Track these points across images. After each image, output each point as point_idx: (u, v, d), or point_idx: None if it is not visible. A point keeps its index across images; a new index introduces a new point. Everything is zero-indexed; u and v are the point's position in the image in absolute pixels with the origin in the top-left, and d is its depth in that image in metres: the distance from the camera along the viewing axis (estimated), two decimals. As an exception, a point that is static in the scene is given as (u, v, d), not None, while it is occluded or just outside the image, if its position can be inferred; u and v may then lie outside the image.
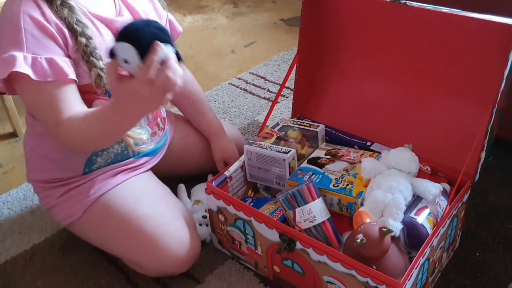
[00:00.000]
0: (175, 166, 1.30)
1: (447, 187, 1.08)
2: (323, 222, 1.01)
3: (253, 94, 1.84)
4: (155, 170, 1.21)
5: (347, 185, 1.07)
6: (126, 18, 1.04)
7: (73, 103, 0.93)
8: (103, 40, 0.99)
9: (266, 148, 1.15)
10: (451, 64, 1.10)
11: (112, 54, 0.81)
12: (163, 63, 0.78)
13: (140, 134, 1.06)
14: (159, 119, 1.17)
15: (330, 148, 1.22)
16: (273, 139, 1.20)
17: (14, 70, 0.87)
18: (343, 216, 1.09)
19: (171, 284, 1.12)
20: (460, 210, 1.06)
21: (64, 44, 0.94)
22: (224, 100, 1.82)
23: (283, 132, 1.22)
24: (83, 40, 0.93)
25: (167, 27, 1.16)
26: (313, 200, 1.01)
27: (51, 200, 1.11)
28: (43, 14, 0.91)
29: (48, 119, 0.94)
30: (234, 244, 1.14)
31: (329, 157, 1.18)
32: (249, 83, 1.90)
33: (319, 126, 1.25)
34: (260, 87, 1.88)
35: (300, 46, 1.28)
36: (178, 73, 0.79)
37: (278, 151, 1.13)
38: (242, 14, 2.45)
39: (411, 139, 1.14)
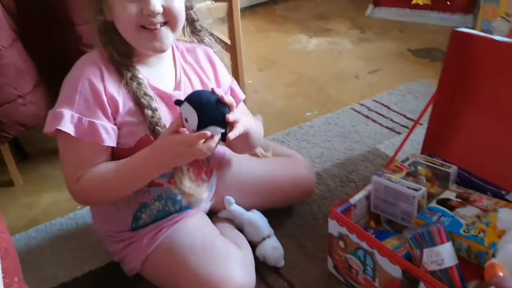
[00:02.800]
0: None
1: None
2: (451, 267, 0.99)
3: (375, 121, 1.84)
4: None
5: (479, 232, 1.05)
6: (182, 93, 1.09)
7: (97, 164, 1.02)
8: (164, 113, 1.06)
9: (396, 182, 1.15)
10: None
11: (178, 104, 0.98)
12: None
13: (202, 193, 1.09)
14: (202, 174, 1.19)
15: (461, 191, 1.20)
16: (403, 173, 1.20)
17: (58, 128, 0.98)
18: (469, 263, 1.06)
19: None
20: None
21: (113, 113, 1.02)
22: (345, 124, 1.83)
23: (413, 168, 1.22)
24: (149, 112, 1.02)
25: (229, 93, 1.20)
26: (443, 243, 1.00)
27: (116, 253, 1.19)
28: (102, 82, 1.00)
29: (70, 173, 1.03)
30: (351, 272, 1.15)
31: (460, 200, 1.16)
32: (372, 110, 1.91)
33: (451, 166, 1.23)
34: (382, 115, 1.87)
35: (440, 84, 1.27)
36: (211, 149, 0.95)
37: (408, 187, 1.13)
38: (368, 41, 2.45)
39: (551, 194, 1.09)
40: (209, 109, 0.96)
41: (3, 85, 1.37)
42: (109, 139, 1.02)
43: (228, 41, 1.85)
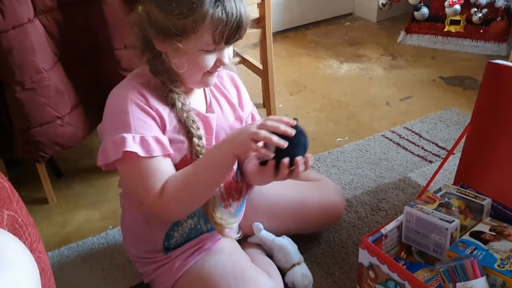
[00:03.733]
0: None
1: None
2: (484, 302, 0.97)
3: (406, 149, 1.83)
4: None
5: (515, 268, 1.02)
6: (215, 115, 1.13)
7: (168, 174, 1.02)
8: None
9: (428, 213, 1.14)
10: None
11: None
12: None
13: (231, 224, 1.11)
14: (233, 191, 1.19)
15: (496, 225, 1.17)
16: (435, 205, 1.18)
17: (126, 150, 0.98)
18: (503, 299, 1.04)
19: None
20: None
21: (162, 129, 1.04)
22: (376, 151, 1.82)
23: (446, 199, 1.20)
24: (196, 140, 1.05)
25: (249, 119, 1.23)
26: (476, 277, 0.98)
27: (147, 275, 1.20)
28: (147, 103, 1.03)
29: (149, 192, 1.01)
30: (381, 303, 1.14)
31: (494, 233, 1.14)
32: (403, 137, 1.90)
33: (485, 199, 1.21)
34: (414, 143, 1.86)
35: (475, 115, 1.26)
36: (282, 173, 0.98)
37: (441, 219, 1.12)
38: (400, 68, 2.45)
39: None
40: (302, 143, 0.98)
41: (43, 106, 1.42)
42: (171, 149, 1.05)
43: (260, 66, 1.88)
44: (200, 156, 1.05)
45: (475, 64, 2.39)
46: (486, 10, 2.39)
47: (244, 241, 1.30)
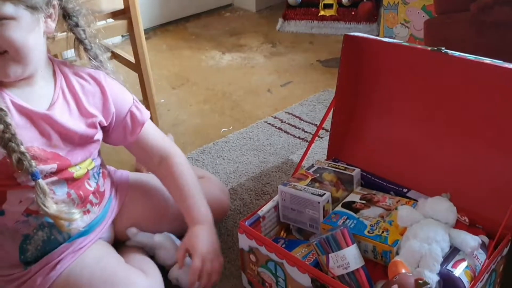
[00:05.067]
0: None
1: (486, 239, 1.05)
2: (357, 269, 0.99)
3: (288, 133, 1.85)
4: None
5: (383, 232, 1.06)
6: (52, 113, 1.03)
7: None
8: (27, 131, 1.00)
9: (301, 190, 1.15)
10: (493, 115, 1.09)
11: None
12: None
13: (71, 214, 1.02)
14: (90, 195, 1.13)
15: (365, 193, 1.21)
16: (308, 180, 1.19)
17: None
18: (377, 264, 1.07)
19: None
20: (499, 264, 1.03)
21: None
22: (259, 138, 1.83)
23: (318, 174, 1.22)
24: (0, 126, 0.94)
25: (128, 120, 1.15)
26: (348, 246, 1.00)
27: None
28: None
29: None
30: (264, 286, 1.13)
31: (364, 202, 1.17)
32: (285, 122, 1.92)
33: (354, 169, 1.24)
34: (295, 126, 1.89)
35: (338, 89, 1.29)
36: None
37: (312, 193, 1.13)
38: (280, 54, 2.48)
39: (449, 188, 1.12)
40: None
41: None
42: None
43: (133, 60, 1.81)
44: (12, 145, 0.94)
45: None
46: (354, -8, 2.50)
47: (122, 245, 1.24)
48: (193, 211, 1.18)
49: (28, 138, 0.99)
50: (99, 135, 1.12)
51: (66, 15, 1.07)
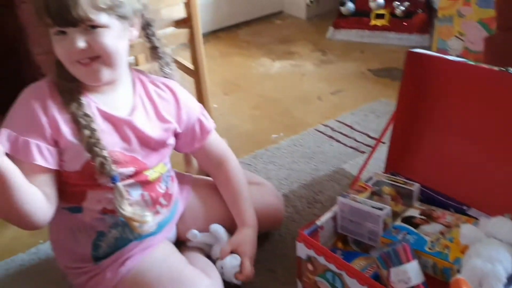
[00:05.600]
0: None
1: (550, 262, 1.04)
2: (417, 284, 1.00)
3: (339, 142, 1.86)
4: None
5: (444, 249, 1.06)
6: (133, 119, 1.09)
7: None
8: (110, 136, 1.06)
9: (361, 203, 1.16)
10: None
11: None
12: None
13: (144, 217, 1.08)
14: (161, 198, 1.18)
15: (425, 208, 1.21)
16: (367, 193, 1.21)
17: None
18: (435, 280, 1.07)
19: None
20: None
21: (54, 135, 1.01)
22: (310, 145, 1.85)
23: (377, 187, 1.23)
24: (87, 132, 1.01)
25: (197, 128, 1.22)
26: (409, 261, 1.01)
27: (79, 287, 1.16)
28: (43, 104, 1.01)
29: None
30: (321, 295, 1.15)
31: (423, 217, 1.18)
32: (336, 130, 1.93)
33: (414, 184, 1.25)
34: (346, 135, 1.90)
35: (399, 103, 1.30)
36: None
37: (373, 207, 1.15)
38: (330, 62, 2.50)
39: (510, 208, 1.11)
40: None
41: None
42: (41, 159, 1.00)
43: (192, 67, 1.86)
44: (96, 149, 1.01)
45: (401, 56, 2.40)
46: (407, 3, 2.49)
47: (182, 245, 1.28)
48: (244, 214, 1.27)
49: (111, 143, 1.05)
50: (172, 140, 1.18)
51: (145, 25, 1.13)
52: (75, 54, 0.99)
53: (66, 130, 1.02)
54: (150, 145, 1.12)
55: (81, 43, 0.97)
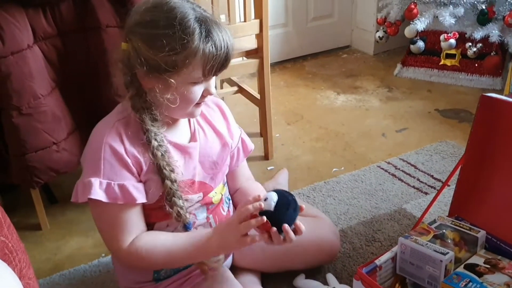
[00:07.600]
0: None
1: None
2: (479, 336, 0.96)
3: (401, 180, 1.83)
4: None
5: (509, 301, 1.02)
6: (198, 143, 1.13)
7: (135, 224, 1.06)
8: (182, 166, 1.10)
9: (423, 245, 1.14)
10: None
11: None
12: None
13: (212, 263, 1.12)
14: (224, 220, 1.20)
15: (490, 257, 1.17)
16: (430, 236, 1.18)
17: (90, 197, 1.01)
18: (499, 334, 1.03)
19: None
20: None
21: (138, 172, 1.05)
22: (372, 182, 1.83)
23: (440, 231, 1.20)
24: (169, 183, 1.05)
25: (240, 145, 1.25)
26: (471, 311, 0.97)
27: None
28: (122, 145, 1.04)
29: (114, 238, 1.06)
30: (374, 336, 1.12)
31: (488, 266, 1.13)
32: (399, 169, 1.90)
33: (480, 231, 1.21)
34: (410, 175, 1.86)
35: (469, 147, 1.27)
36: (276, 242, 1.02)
37: (435, 251, 1.12)
38: (396, 99, 2.47)
39: None
40: (286, 208, 1.03)
41: (39, 132, 1.42)
42: (141, 196, 1.05)
43: (258, 96, 1.90)
44: (174, 198, 1.05)
45: (470, 98, 2.41)
46: (480, 44, 2.43)
47: (236, 269, 1.30)
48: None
49: (183, 172, 1.09)
50: (229, 157, 1.21)
51: None
52: (202, 98, 1.06)
53: (146, 166, 1.06)
54: (214, 164, 1.16)
55: (214, 89, 1.07)
